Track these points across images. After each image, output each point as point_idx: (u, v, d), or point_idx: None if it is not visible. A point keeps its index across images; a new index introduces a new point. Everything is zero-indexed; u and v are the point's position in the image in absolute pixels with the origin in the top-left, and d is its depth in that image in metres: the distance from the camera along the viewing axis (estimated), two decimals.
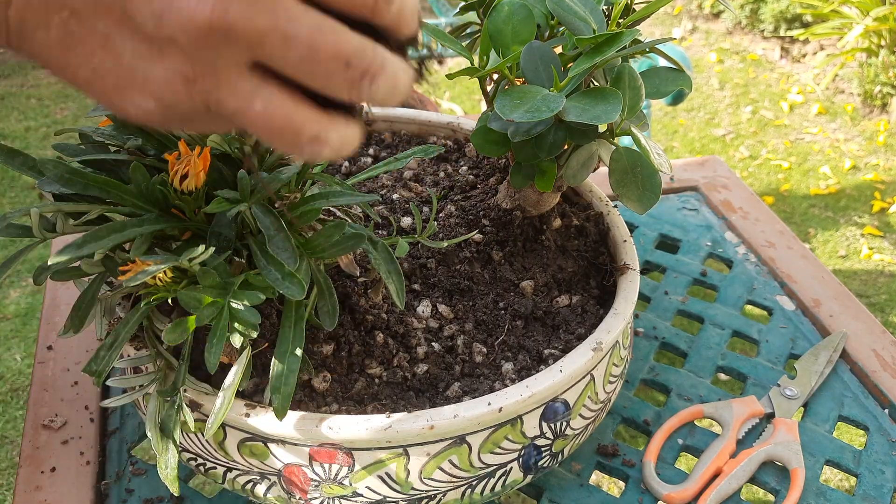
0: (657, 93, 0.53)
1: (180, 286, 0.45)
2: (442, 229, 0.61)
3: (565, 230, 0.63)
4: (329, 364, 0.52)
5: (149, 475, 0.61)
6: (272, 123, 0.31)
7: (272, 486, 0.51)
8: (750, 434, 0.65)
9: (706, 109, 2.85)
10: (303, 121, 0.32)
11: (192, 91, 0.31)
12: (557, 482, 0.60)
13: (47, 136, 2.59)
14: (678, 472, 0.62)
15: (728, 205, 0.91)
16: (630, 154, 0.52)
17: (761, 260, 0.84)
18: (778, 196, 2.36)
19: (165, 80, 0.31)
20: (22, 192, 2.29)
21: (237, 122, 0.32)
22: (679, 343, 0.74)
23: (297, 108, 0.31)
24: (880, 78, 2.71)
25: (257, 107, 0.31)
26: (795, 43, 3.19)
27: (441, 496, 0.51)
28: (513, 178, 0.57)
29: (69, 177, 0.44)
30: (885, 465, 0.62)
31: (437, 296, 0.58)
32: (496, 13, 0.50)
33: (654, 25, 3.46)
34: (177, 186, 0.45)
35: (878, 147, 2.59)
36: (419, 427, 0.47)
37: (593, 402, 0.55)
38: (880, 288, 1.97)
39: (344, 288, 0.55)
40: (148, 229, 0.44)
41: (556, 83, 0.48)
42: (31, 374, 0.70)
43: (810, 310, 0.77)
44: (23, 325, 1.84)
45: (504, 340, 0.56)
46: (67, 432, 0.64)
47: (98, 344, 0.49)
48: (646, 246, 0.86)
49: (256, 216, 0.45)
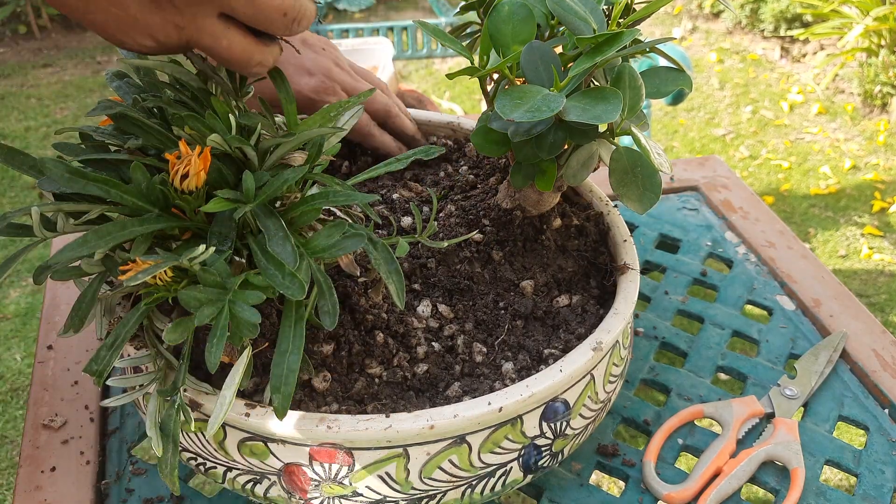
0: (657, 93, 0.53)
1: (181, 286, 0.45)
2: (442, 229, 0.61)
3: (565, 230, 0.63)
4: (329, 364, 0.52)
5: (149, 475, 0.61)
6: (232, 55, 0.46)
7: (272, 486, 0.51)
8: (750, 434, 0.65)
9: (706, 109, 2.85)
10: (252, 51, 0.47)
11: (180, 34, 0.44)
12: (557, 482, 0.60)
13: (47, 136, 2.59)
14: (678, 472, 0.62)
15: (728, 205, 0.91)
16: (630, 154, 0.52)
17: (761, 260, 0.84)
18: (778, 196, 2.36)
19: (161, 26, 0.44)
20: (22, 192, 2.29)
21: (209, 54, 0.46)
22: (679, 343, 0.74)
23: (248, 43, 0.46)
24: (880, 78, 2.71)
25: (223, 44, 0.45)
26: (795, 43, 3.19)
27: (441, 496, 0.51)
28: (513, 177, 0.57)
29: (69, 176, 0.44)
30: (885, 465, 0.62)
31: (437, 295, 0.58)
32: (496, 13, 0.50)
33: (654, 25, 3.46)
34: (177, 186, 0.45)
35: (878, 147, 2.60)
36: (419, 427, 0.47)
37: (593, 402, 0.55)
38: (880, 288, 1.97)
39: (344, 287, 0.55)
40: (148, 228, 0.44)
41: (557, 83, 0.48)
42: (31, 373, 0.70)
43: (810, 310, 0.77)
44: (23, 324, 1.84)
45: (504, 340, 0.56)
46: (67, 432, 0.64)
47: (98, 343, 0.49)
48: (646, 246, 0.86)
49: (257, 216, 0.45)
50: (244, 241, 0.47)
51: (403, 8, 3.62)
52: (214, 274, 0.43)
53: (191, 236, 0.47)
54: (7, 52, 3.34)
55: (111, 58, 3.31)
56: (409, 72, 2.97)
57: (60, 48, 3.40)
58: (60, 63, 3.26)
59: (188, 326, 0.44)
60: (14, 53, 3.33)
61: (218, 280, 0.43)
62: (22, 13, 3.50)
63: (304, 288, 0.42)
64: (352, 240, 0.46)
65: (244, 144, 0.47)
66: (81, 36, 3.51)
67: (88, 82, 3.10)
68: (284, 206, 0.48)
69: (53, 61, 3.28)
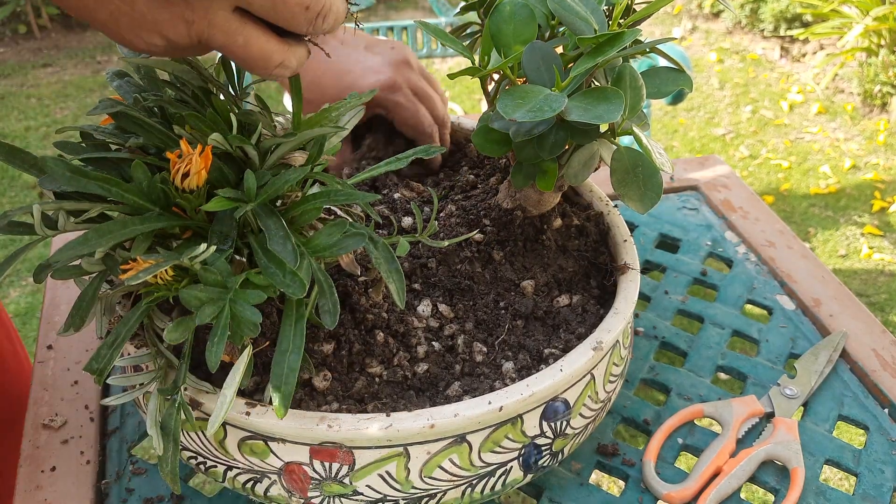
0: (658, 92, 0.53)
1: (181, 285, 0.45)
2: (442, 229, 0.61)
3: (566, 230, 0.63)
4: (329, 363, 0.52)
5: (149, 474, 0.61)
6: (249, 54, 0.42)
7: (272, 485, 0.51)
8: (750, 433, 0.65)
9: (706, 109, 2.85)
10: (272, 50, 0.42)
11: (190, 30, 0.40)
12: (557, 481, 0.60)
13: (47, 136, 2.59)
14: (678, 472, 0.62)
15: (728, 204, 0.91)
16: (631, 154, 0.52)
17: (761, 259, 0.84)
18: (778, 195, 2.36)
19: (171, 23, 0.40)
20: (22, 192, 2.29)
21: (225, 53, 0.42)
22: (679, 342, 0.74)
23: (268, 41, 0.42)
24: (880, 77, 2.71)
25: (239, 41, 0.41)
26: (795, 42, 3.19)
27: (441, 495, 0.51)
28: (514, 177, 0.57)
29: (70, 175, 0.44)
30: (885, 465, 0.62)
31: (438, 295, 0.58)
32: (497, 13, 0.50)
33: (654, 25, 3.46)
34: (178, 185, 0.45)
35: (878, 146, 2.60)
36: (419, 426, 0.47)
37: (593, 402, 0.55)
38: (880, 287, 1.97)
39: (344, 287, 0.55)
40: (149, 227, 0.44)
41: (558, 83, 0.48)
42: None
43: (810, 309, 0.77)
44: (23, 324, 1.84)
45: (504, 340, 0.56)
46: (67, 432, 0.64)
47: (98, 343, 0.49)
48: (646, 245, 0.86)
49: (258, 215, 0.45)
50: (245, 240, 0.47)
51: (403, 8, 3.62)
52: (215, 273, 0.43)
53: (191, 235, 0.47)
54: (7, 52, 3.34)
55: (111, 57, 3.32)
56: None
57: (60, 48, 3.40)
58: (60, 63, 3.26)
59: (189, 326, 0.44)
60: (14, 53, 3.33)
61: (219, 279, 0.43)
62: (22, 13, 3.50)
63: (304, 286, 0.42)
64: (353, 239, 0.46)
65: (245, 144, 0.47)
66: (81, 36, 3.52)
67: (88, 82, 3.10)
68: (286, 205, 0.48)
69: (53, 61, 3.28)
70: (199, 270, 0.43)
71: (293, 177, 0.45)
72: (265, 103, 0.53)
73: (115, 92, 0.52)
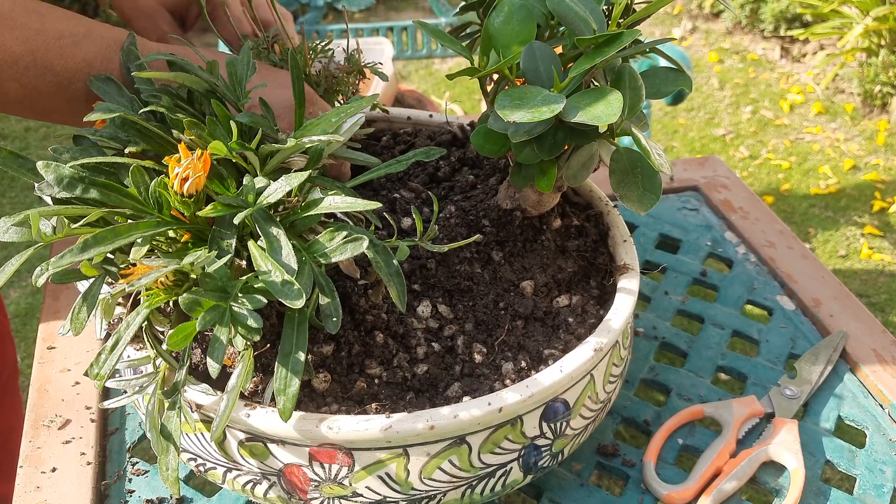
0: (657, 93, 0.53)
1: (181, 289, 0.45)
2: (442, 230, 0.61)
3: (565, 230, 0.63)
4: (329, 364, 0.52)
5: (149, 476, 0.61)
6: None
7: (272, 487, 0.51)
8: (750, 434, 0.65)
9: (706, 109, 2.85)
10: None
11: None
12: (557, 482, 0.60)
13: (47, 137, 2.59)
14: (678, 472, 0.62)
15: (728, 205, 0.91)
16: (631, 154, 0.52)
17: (761, 260, 0.84)
18: (778, 196, 2.36)
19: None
20: (21, 193, 2.29)
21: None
22: (679, 343, 0.74)
23: None
24: (880, 77, 2.71)
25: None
26: (795, 43, 3.19)
27: (441, 496, 0.51)
28: (513, 178, 0.57)
29: (69, 180, 0.44)
30: (885, 465, 0.62)
31: (437, 296, 0.58)
32: (496, 13, 0.50)
33: (654, 25, 3.46)
34: (178, 190, 0.45)
35: (878, 147, 2.59)
36: (419, 427, 0.47)
37: (593, 402, 0.55)
38: (880, 288, 1.97)
39: (344, 288, 0.55)
40: (148, 232, 0.44)
41: (557, 83, 0.48)
42: (31, 374, 0.70)
43: (810, 309, 0.77)
44: (23, 325, 1.84)
45: (504, 340, 0.56)
46: (68, 432, 0.64)
47: (98, 343, 0.49)
48: (646, 246, 0.86)
49: (257, 221, 0.45)
50: (245, 244, 0.47)
51: (403, 8, 3.62)
52: (216, 278, 0.43)
53: (191, 239, 0.47)
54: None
55: None
56: (408, 72, 2.97)
57: None
58: None
59: (190, 332, 0.44)
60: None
61: (219, 284, 0.43)
62: None
63: (303, 296, 0.42)
64: (353, 243, 0.46)
65: (246, 150, 0.47)
66: None
67: None
68: (287, 210, 0.48)
69: None
70: (199, 275, 0.43)
71: (292, 184, 0.45)
72: (267, 105, 0.53)
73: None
